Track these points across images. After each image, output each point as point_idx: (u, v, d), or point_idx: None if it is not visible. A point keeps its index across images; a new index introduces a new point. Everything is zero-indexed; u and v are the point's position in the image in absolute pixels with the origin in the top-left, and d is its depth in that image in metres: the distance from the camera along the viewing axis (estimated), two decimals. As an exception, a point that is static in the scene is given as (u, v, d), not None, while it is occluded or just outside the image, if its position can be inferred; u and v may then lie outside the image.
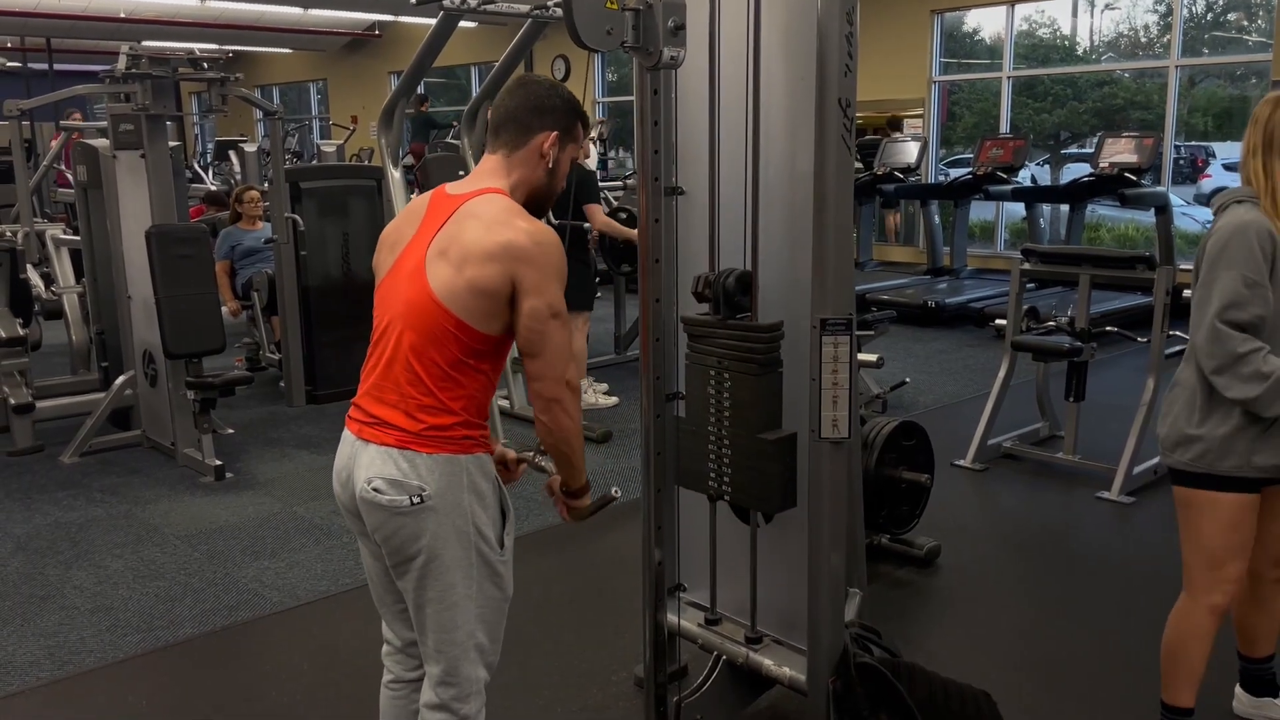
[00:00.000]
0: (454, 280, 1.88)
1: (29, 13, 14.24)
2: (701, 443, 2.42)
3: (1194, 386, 2.34)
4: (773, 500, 2.31)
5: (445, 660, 2.01)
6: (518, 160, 2.02)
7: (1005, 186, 9.06)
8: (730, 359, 2.31)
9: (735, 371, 2.31)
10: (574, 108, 2.07)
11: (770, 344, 2.27)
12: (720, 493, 2.41)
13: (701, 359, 2.39)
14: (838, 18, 2.05)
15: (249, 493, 4.72)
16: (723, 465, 2.38)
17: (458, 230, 1.91)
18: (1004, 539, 4.17)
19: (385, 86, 16.59)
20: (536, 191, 2.05)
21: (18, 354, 5.32)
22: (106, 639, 3.35)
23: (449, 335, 1.90)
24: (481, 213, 1.92)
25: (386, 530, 1.95)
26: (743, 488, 2.35)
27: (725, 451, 2.37)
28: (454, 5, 4.97)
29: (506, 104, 2.03)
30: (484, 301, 1.89)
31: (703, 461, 2.42)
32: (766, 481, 2.29)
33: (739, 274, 2.33)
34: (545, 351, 1.92)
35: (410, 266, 1.95)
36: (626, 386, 6.40)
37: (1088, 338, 4.71)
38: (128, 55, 4.91)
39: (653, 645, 2.65)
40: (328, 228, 6.27)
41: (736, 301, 2.33)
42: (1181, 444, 2.36)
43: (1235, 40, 9.78)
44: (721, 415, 2.36)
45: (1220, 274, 2.22)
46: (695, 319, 2.40)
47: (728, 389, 2.33)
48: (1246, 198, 2.28)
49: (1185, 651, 2.46)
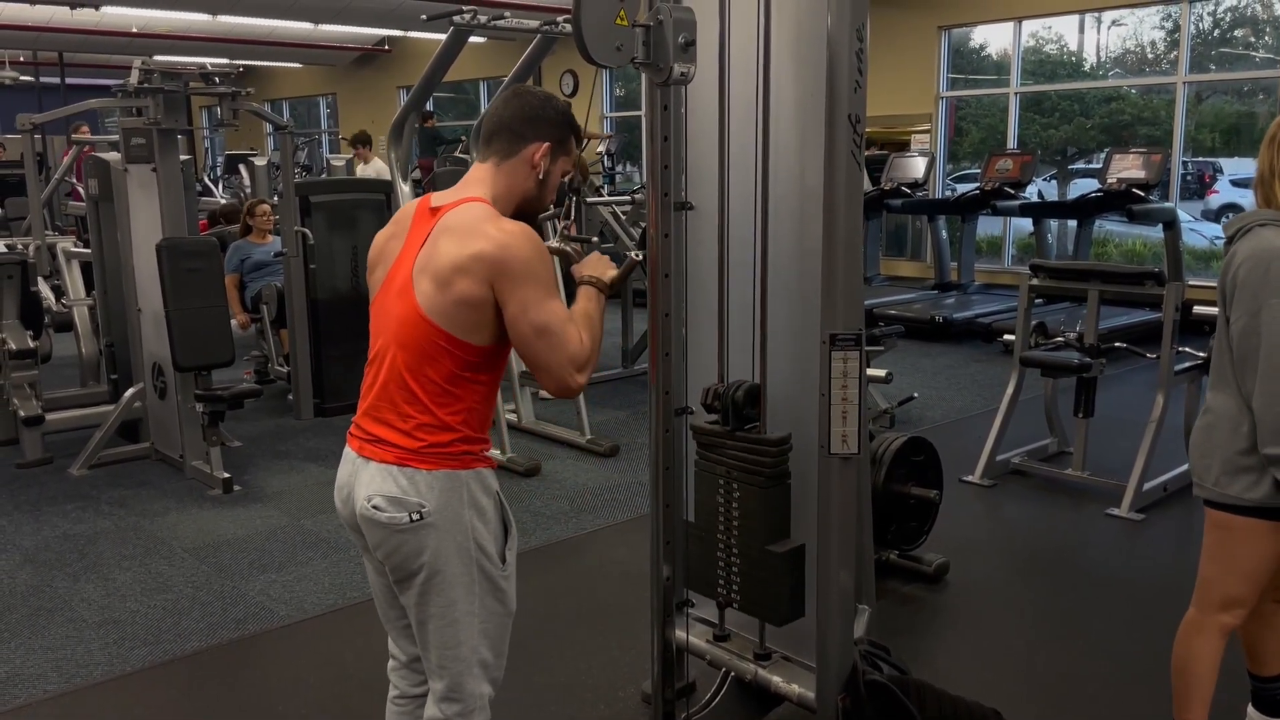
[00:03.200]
0: (438, 296, 1.87)
1: (42, 27, 14.36)
2: (711, 549, 2.44)
3: (1235, 414, 2.25)
4: (780, 612, 2.34)
5: (449, 676, 2.00)
6: (506, 169, 2.00)
7: (1013, 202, 9.06)
8: (739, 470, 2.34)
9: (744, 483, 2.33)
10: (568, 120, 2.05)
11: (778, 457, 2.30)
12: (729, 600, 2.45)
13: (711, 468, 2.41)
14: (848, 34, 2.05)
15: (257, 505, 4.72)
16: (731, 573, 2.41)
17: (435, 245, 1.90)
18: (1013, 555, 4.15)
19: (394, 101, 16.67)
20: (525, 202, 2.03)
21: (28, 366, 5.34)
22: (114, 652, 3.35)
23: (441, 350, 1.89)
24: (455, 225, 1.91)
25: (388, 547, 1.94)
26: (750, 597, 2.39)
27: (734, 560, 2.39)
28: (464, 21, 5.00)
29: (500, 113, 2.02)
30: (469, 313, 1.88)
31: (712, 568, 2.45)
32: (775, 593, 2.32)
33: (748, 387, 2.36)
34: (539, 359, 1.91)
35: (399, 284, 1.94)
36: (634, 401, 6.40)
37: (1097, 353, 4.70)
38: (140, 70, 4.95)
39: (660, 661, 2.65)
40: (337, 241, 6.29)
41: (745, 414, 2.36)
42: (1228, 473, 2.26)
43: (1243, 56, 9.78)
44: (730, 524, 2.38)
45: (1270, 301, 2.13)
46: (705, 429, 2.43)
47: (736, 499, 2.35)
48: (1270, 220, 2.20)
49: (1195, 669, 2.43)
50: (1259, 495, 2.24)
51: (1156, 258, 10.17)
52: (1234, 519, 2.30)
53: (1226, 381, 2.28)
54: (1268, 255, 2.16)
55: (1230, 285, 2.23)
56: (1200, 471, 2.35)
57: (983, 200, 9.15)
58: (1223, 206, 11.17)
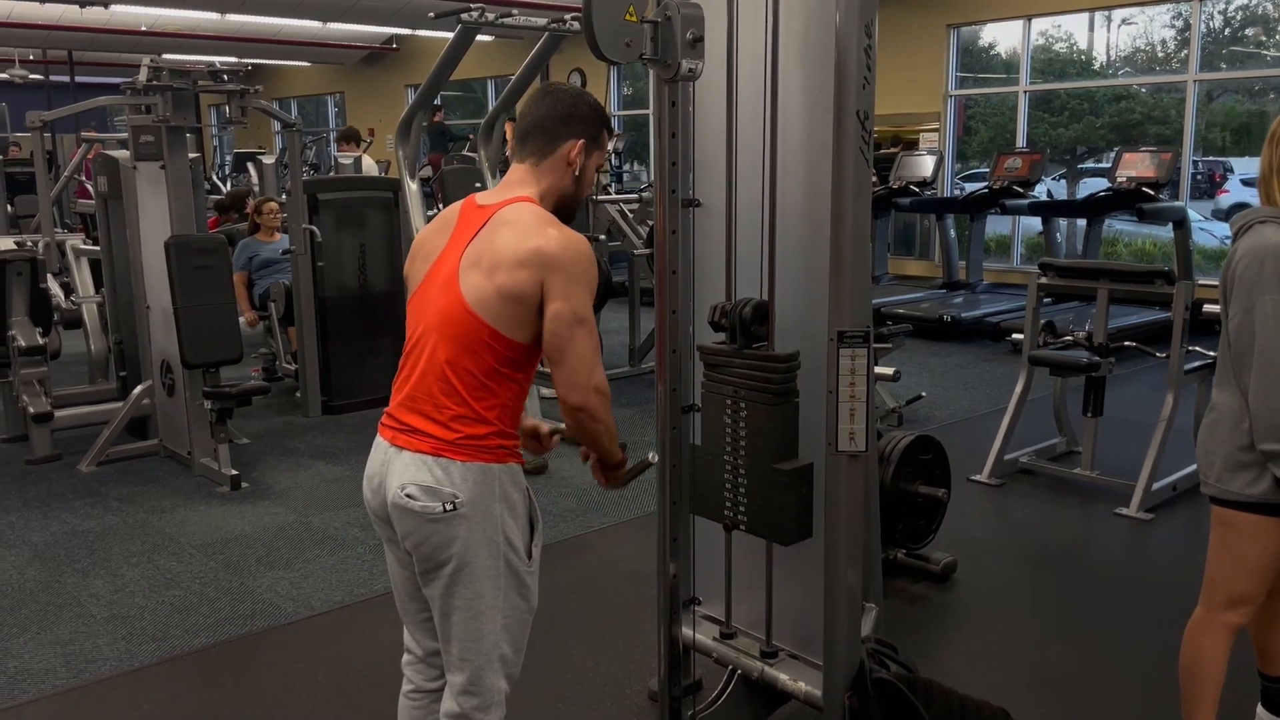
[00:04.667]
0: (486, 288, 1.89)
1: (51, 26, 14.41)
2: (717, 471, 2.42)
3: (1236, 411, 2.26)
4: (788, 530, 2.31)
5: (469, 669, 2.00)
6: (545, 169, 2.02)
7: (1021, 201, 9.04)
8: (746, 388, 2.32)
9: (751, 401, 2.31)
10: (600, 115, 2.07)
11: (786, 374, 2.28)
12: (735, 522, 2.42)
13: (718, 388, 2.39)
14: (856, 30, 2.04)
15: (264, 503, 4.73)
16: (738, 494, 2.38)
17: (490, 238, 1.92)
18: (1021, 555, 4.14)
19: (402, 99, 16.69)
20: (564, 199, 2.05)
21: (37, 363, 5.36)
22: (122, 647, 3.36)
23: (483, 344, 1.91)
24: (513, 220, 1.93)
25: (418, 537, 1.95)
26: (757, 517, 2.36)
27: (741, 481, 2.37)
28: (472, 19, 5.00)
29: (533, 113, 2.03)
30: (515, 308, 1.89)
31: (718, 490, 2.43)
32: (782, 511, 2.30)
33: (755, 304, 2.34)
34: (568, 358, 1.91)
35: (444, 277, 1.96)
36: (641, 399, 6.40)
37: (1106, 353, 4.68)
38: (149, 68, 4.96)
39: (667, 658, 2.64)
40: (345, 239, 6.30)
41: (753, 331, 2.34)
42: (1230, 469, 2.27)
43: (1254, 55, 9.73)
44: (738, 444, 2.36)
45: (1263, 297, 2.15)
46: (711, 348, 2.41)
47: (744, 418, 2.33)
48: (1269, 218, 2.22)
49: (1202, 668, 2.43)
50: (1259, 491, 2.25)
51: (1166, 257, 10.13)
52: (1236, 515, 2.31)
53: (1228, 378, 2.29)
54: (1263, 251, 2.17)
55: (1229, 282, 2.25)
56: (1204, 468, 2.36)
57: (991, 199, 9.13)
58: (1233, 206, 11.12)
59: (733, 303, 2.37)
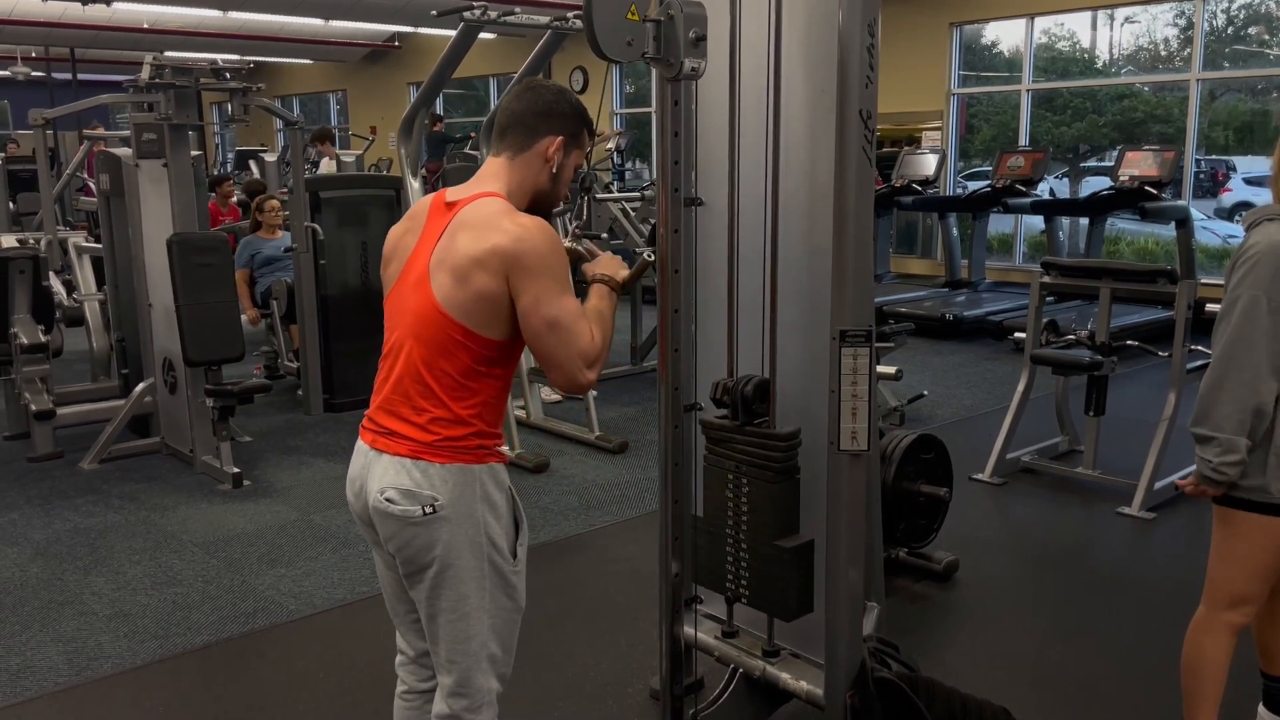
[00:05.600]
0: (455, 289, 1.87)
1: (54, 23, 14.41)
2: (720, 544, 2.43)
3: None
4: (789, 607, 2.33)
5: (458, 671, 2.00)
6: (520, 164, 2.00)
7: (1024, 199, 9.02)
8: (748, 465, 2.33)
9: (753, 478, 2.32)
10: (581, 114, 2.05)
11: (787, 452, 2.29)
12: (738, 595, 2.44)
13: (720, 462, 2.41)
14: (859, 29, 2.04)
15: (266, 500, 4.73)
16: (740, 568, 2.40)
17: (453, 240, 1.90)
18: (1023, 554, 4.13)
19: (404, 97, 16.69)
20: (539, 196, 2.03)
21: (39, 361, 5.36)
22: (124, 645, 3.37)
23: (457, 344, 1.89)
24: (472, 219, 1.91)
25: (400, 540, 1.94)
26: (759, 592, 2.38)
27: (743, 555, 2.39)
28: (474, 17, 5.00)
29: (513, 107, 2.02)
30: (486, 305, 1.88)
31: (721, 563, 2.45)
32: (783, 588, 2.31)
33: (757, 381, 2.36)
34: (548, 351, 1.90)
35: (414, 277, 1.94)
36: (643, 397, 6.40)
37: (1108, 351, 4.68)
38: (151, 65, 4.96)
39: (669, 657, 2.64)
40: (346, 237, 6.30)
41: (754, 409, 2.35)
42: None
43: (1257, 54, 9.71)
44: (739, 519, 2.38)
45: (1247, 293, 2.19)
46: (714, 423, 2.42)
47: (745, 494, 2.35)
48: (1277, 215, 2.25)
49: (1204, 667, 2.43)
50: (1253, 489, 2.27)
51: (1169, 256, 10.11)
52: (1238, 514, 2.32)
53: None
54: (1264, 249, 2.20)
55: (1227, 276, 2.29)
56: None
57: (994, 198, 9.12)
58: (1236, 205, 11.11)
59: (734, 380, 2.39)
